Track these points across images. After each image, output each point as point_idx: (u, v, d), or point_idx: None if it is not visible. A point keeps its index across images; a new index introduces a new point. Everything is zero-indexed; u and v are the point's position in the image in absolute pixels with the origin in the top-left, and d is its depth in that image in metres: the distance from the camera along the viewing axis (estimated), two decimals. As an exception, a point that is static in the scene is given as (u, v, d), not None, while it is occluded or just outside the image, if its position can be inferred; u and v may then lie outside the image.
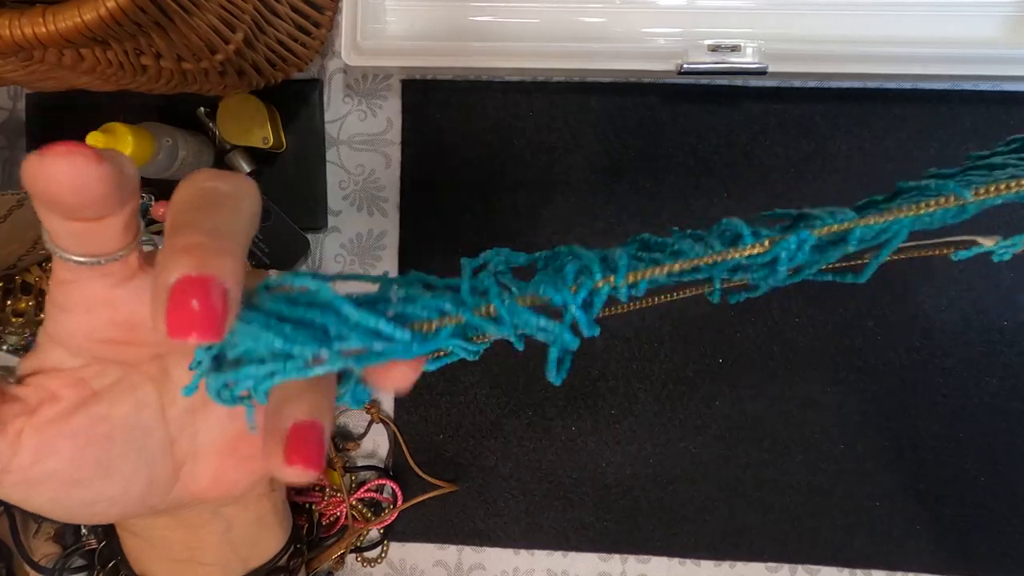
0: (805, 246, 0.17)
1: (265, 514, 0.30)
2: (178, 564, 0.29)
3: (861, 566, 0.47)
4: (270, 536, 0.32)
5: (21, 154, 0.52)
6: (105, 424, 0.22)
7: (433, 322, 0.17)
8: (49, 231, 0.19)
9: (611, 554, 0.48)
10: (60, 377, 0.21)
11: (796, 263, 0.17)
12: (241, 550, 0.30)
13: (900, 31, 0.45)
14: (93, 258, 0.20)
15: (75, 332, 0.21)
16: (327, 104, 0.50)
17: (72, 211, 0.18)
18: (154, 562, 0.30)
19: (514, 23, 0.47)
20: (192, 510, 0.26)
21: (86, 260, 0.20)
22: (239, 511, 0.29)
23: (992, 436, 0.46)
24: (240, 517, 0.29)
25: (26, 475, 0.20)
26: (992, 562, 0.46)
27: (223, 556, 0.29)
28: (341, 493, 0.46)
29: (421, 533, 0.49)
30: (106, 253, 0.20)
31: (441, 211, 0.48)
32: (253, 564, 0.31)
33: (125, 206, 0.19)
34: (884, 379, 0.47)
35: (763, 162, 0.47)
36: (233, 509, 0.28)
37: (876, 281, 0.48)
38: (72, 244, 0.19)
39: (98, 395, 0.22)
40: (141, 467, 0.23)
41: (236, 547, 0.30)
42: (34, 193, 0.17)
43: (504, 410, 0.48)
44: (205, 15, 0.36)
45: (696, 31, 0.45)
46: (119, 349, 0.22)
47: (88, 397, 0.22)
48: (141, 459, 0.23)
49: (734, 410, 0.47)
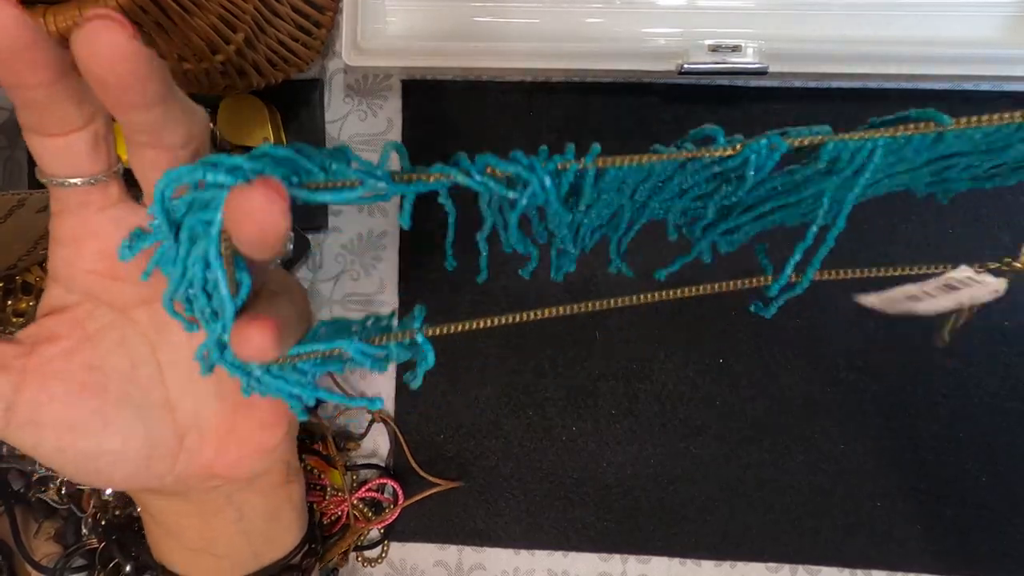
0: (775, 152, 0.17)
1: (280, 507, 0.31)
2: (193, 553, 0.30)
3: (861, 566, 0.47)
4: (285, 532, 0.32)
5: (22, 154, 0.52)
6: (99, 373, 0.23)
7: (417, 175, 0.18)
8: (35, 155, 0.21)
9: (611, 554, 0.48)
10: (58, 318, 0.23)
11: (765, 171, 0.17)
12: (255, 543, 0.30)
13: (900, 31, 0.45)
14: (72, 179, 0.22)
15: (67, 263, 0.23)
16: (327, 104, 0.50)
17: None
18: (171, 550, 0.30)
19: (514, 23, 0.47)
20: (206, 495, 0.27)
21: (67, 182, 0.22)
22: (253, 498, 0.29)
23: (992, 436, 0.46)
24: (254, 506, 0.29)
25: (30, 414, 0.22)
26: (992, 562, 0.46)
27: (236, 548, 0.30)
28: (342, 492, 0.46)
29: (421, 533, 0.49)
30: (83, 174, 0.22)
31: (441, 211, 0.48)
32: (266, 560, 0.31)
33: (87, 124, 0.21)
34: (884, 379, 0.47)
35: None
36: (246, 495, 0.28)
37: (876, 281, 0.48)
38: (53, 164, 0.21)
39: (92, 340, 0.23)
40: (138, 424, 0.24)
41: (250, 539, 0.30)
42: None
43: (504, 410, 0.48)
44: (206, 15, 0.36)
45: (696, 31, 0.45)
46: (107, 284, 0.23)
47: (83, 339, 0.23)
48: (138, 416, 0.24)
49: (734, 410, 0.47)
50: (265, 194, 0.16)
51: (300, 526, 0.33)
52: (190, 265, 0.18)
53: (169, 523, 0.29)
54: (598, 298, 0.20)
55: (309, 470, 0.45)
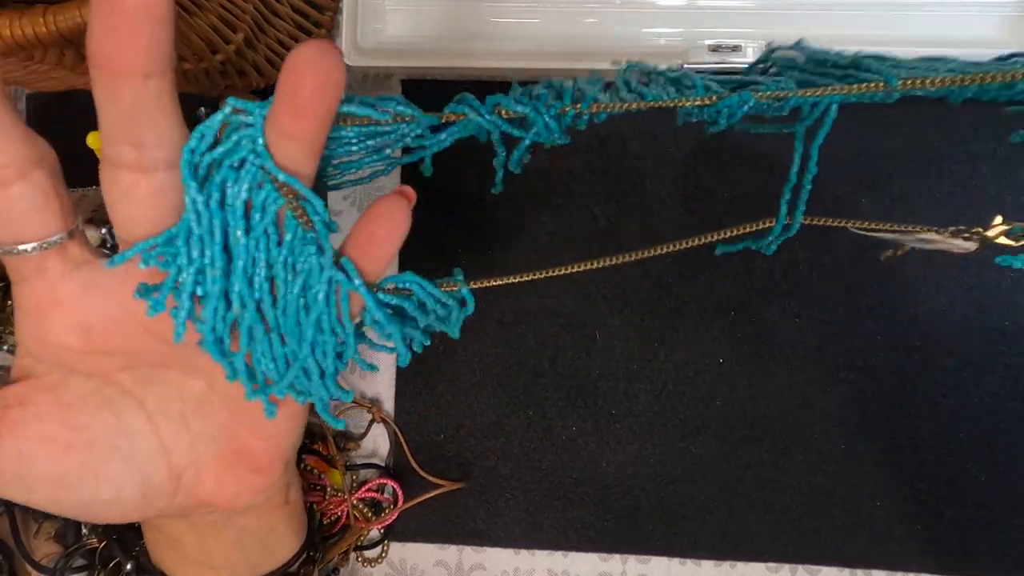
0: (745, 106, 0.20)
1: (278, 524, 0.30)
2: (190, 564, 0.30)
3: (861, 566, 0.47)
4: (282, 545, 0.32)
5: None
6: (83, 432, 0.21)
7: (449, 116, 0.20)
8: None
9: (611, 554, 0.48)
10: (30, 384, 0.21)
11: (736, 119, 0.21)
12: (252, 557, 0.30)
13: (900, 31, 0.45)
14: (21, 245, 0.18)
15: (33, 335, 0.20)
16: (327, 104, 0.50)
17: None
18: (168, 559, 0.30)
19: (514, 23, 0.47)
20: (205, 517, 0.27)
21: (15, 249, 0.18)
22: (252, 521, 0.29)
23: (992, 436, 0.46)
24: (253, 527, 0.29)
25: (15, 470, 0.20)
26: (992, 562, 0.46)
27: (233, 561, 0.30)
28: (342, 493, 0.46)
29: (421, 533, 0.49)
30: (33, 238, 0.18)
31: (441, 211, 0.48)
32: (263, 570, 0.31)
33: (28, 173, 0.17)
34: (884, 379, 0.47)
35: (763, 162, 0.47)
36: (246, 519, 0.28)
37: (876, 281, 0.49)
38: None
39: (71, 407, 0.21)
40: (132, 473, 0.23)
41: (247, 554, 0.30)
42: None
43: (504, 410, 0.48)
44: (206, 15, 0.36)
45: (696, 31, 0.45)
46: (79, 358, 0.21)
47: (59, 406, 0.21)
48: (131, 466, 0.22)
49: (734, 410, 0.47)
50: (318, 45, 0.15)
51: (298, 537, 0.33)
52: (237, 215, 0.18)
53: (167, 536, 0.29)
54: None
55: (309, 470, 0.45)
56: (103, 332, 0.20)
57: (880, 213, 0.47)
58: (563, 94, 0.21)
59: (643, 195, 0.48)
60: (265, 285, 0.19)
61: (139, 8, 0.15)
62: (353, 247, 0.20)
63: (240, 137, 0.17)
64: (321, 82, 0.16)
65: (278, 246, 0.18)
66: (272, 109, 0.17)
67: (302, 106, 0.16)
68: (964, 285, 0.46)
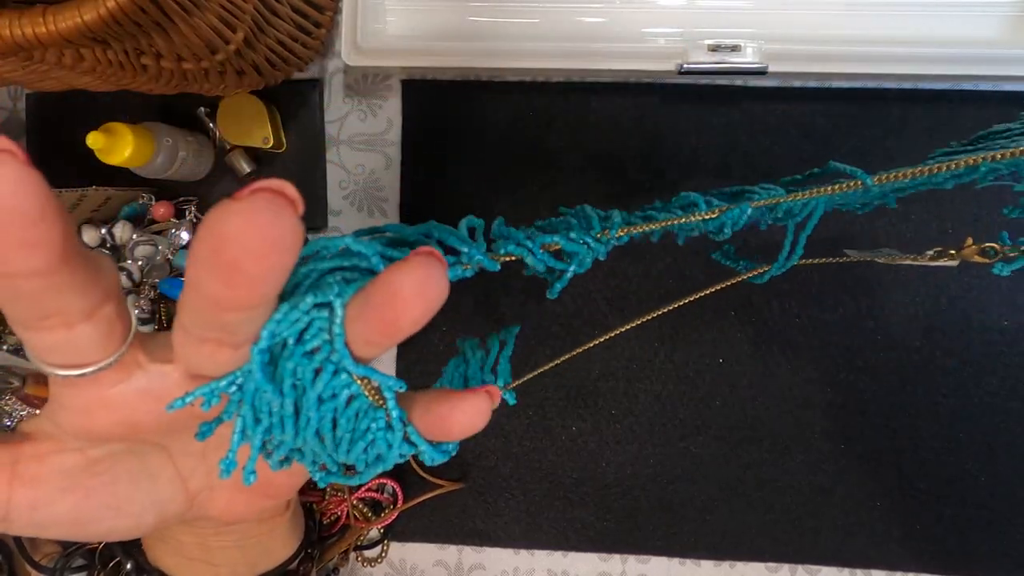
0: (744, 216, 0.23)
1: (277, 527, 0.31)
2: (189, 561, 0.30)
3: (861, 566, 0.47)
4: (281, 545, 0.32)
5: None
6: (106, 476, 0.21)
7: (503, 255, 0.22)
8: (26, 345, 0.17)
9: (611, 554, 0.48)
10: (53, 445, 0.20)
11: (740, 225, 0.23)
12: (251, 556, 0.31)
13: (900, 31, 0.45)
14: (78, 369, 0.17)
15: (74, 428, 0.20)
16: (327, 104, 0.50)
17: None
18: (165, 555, 0.31)
19: (514, 23, 0.47)
20: (206, 524, 0.27)
21: (71, 373, 0.17)
22: (252, 527, 0.29)
23: (992, 436, 0.46)
24: (253, 532, 0.30)
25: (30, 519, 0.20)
26: (992, 562, 0.46)
27: (233, 560, 0.30)
28: (342, 492, 0.46)
29: (421, 533, 0.49)
30: (92, 363, 0.17)
31: (441, 211, 0.48)
32: (262, 568, 0.32)
33: (96, 312, 0.16)
34: (884, 379, 0.47)
35: (763, 162, 0.47)
36: (247, 524, 0.29)
37: (877, 281, 0.48)
38: (51, 357, 0.17)
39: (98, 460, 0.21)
40: (151, 505, 0.23)
41: (247, 554, 0.30)
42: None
43: (504, 410, 0.48)
44: (205, 15, 0.36)
45: (696, 31, 0.45)
46: (120, 440, 0.21)
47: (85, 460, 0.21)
48: (150, 499, 0.23)
49: (734, 410, 0.47)
50: (427, 262, 0.14)
51: (297, 536, 0.33)
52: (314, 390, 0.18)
53: (167, 536, 0.30)
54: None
55: (309, 470, 0.45)
56: (148, 424, 0.20)
57: (881, 225, 0.47)
58: (591, 221, 0.23)
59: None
60: (328, 438, 0.20)
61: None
62: (421, 420, 0.20)
63: (319, 334, 0.17)
64: (423, 312, 0.15)
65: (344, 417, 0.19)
66: (364, 324, 0.16)
67: (398, 330, 0.16)
68: (963, 285, 0.46)
